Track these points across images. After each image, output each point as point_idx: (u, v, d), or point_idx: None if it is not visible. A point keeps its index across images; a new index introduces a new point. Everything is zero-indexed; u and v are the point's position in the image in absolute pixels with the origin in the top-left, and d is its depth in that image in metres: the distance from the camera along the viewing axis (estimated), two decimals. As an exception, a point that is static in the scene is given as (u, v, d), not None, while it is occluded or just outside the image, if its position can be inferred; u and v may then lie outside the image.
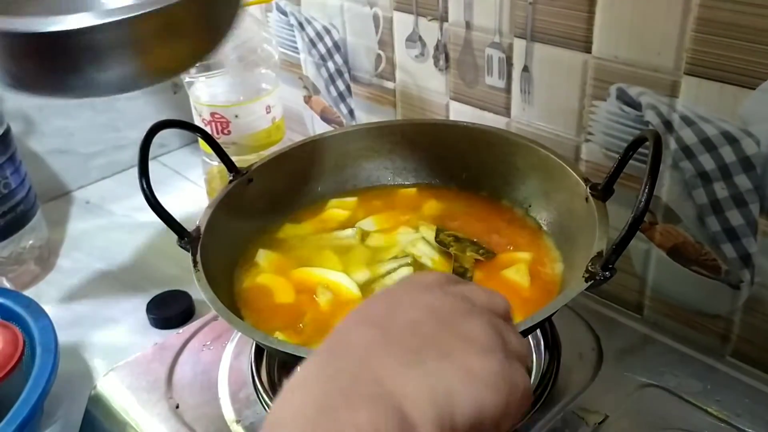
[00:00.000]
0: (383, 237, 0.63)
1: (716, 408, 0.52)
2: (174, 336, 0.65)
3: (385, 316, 0.34)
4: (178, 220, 0.54)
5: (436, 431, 0.29)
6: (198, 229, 0.55)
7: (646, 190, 0.42)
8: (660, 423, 0.52)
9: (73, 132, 0.99)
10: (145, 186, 0.52)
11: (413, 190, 0.68)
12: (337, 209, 0.66)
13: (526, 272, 0.57)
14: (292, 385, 0.31)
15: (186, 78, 0.78)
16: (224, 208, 0.59)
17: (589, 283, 0.45)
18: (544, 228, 0.61)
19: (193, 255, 0.52)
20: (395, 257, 0.60)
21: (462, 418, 0.30)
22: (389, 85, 0.82)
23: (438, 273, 0.42)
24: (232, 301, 0.56)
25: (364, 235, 0.63)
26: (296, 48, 0.92)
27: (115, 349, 0.70)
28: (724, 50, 0.52)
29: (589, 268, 0.46)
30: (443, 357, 0.32)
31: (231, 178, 0.61)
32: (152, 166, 0.53)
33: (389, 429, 0.28)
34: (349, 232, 0.63)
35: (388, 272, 0.58)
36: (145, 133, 0.55)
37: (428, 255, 0.60)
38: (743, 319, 0.60)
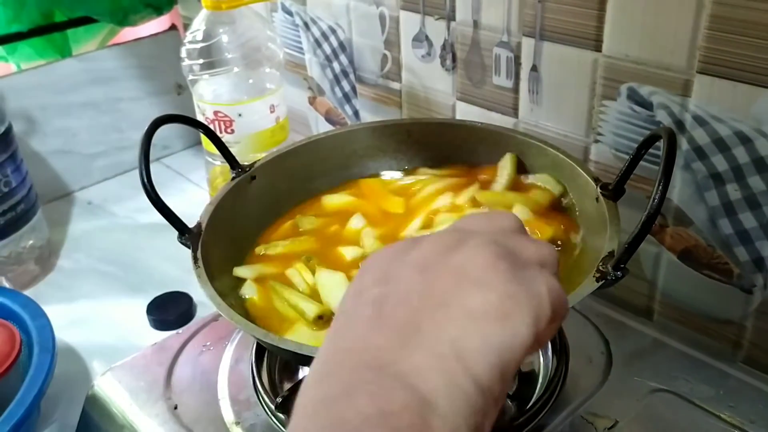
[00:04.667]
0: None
1: (729, 414, 0.51)
2: (173, 336, 0.64)
3: (378, 289, 0.32)
4: (180, 221, 0.53)
5: (453, 395, 0.27)
6: (199, 225, 0.54)
7: (660, 187, 0.41)
8: (671, 429, 0.50)
9: (75, 132, 0.99)
10: (146, 180, 0.50)
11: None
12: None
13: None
14: (305, 381, 0.30)
15: (189, 76, 0.77)
16: (226, 205, 0.57)
17: (600, 283, 0.44)
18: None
19: (194, 251, 0.51)
20: None
21: (481, 367, 0.28)
22: (395, 85, 0.81)
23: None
24: (240, 300, 0.55)
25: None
26: (301, 48, 0.91)
27: (114, 351, 0.68)
28: (738, 48, 0.51)
29: (600, 268, 0.45)
30: (440, 310, 0.30)
31: (234, 174, 0.60)
32: (155, 167, 0.52)
33: (396, 408, 0.27)
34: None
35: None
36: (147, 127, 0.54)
37: None
38: (755, 325, 0.58)
